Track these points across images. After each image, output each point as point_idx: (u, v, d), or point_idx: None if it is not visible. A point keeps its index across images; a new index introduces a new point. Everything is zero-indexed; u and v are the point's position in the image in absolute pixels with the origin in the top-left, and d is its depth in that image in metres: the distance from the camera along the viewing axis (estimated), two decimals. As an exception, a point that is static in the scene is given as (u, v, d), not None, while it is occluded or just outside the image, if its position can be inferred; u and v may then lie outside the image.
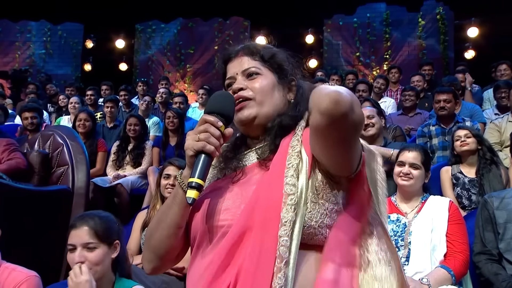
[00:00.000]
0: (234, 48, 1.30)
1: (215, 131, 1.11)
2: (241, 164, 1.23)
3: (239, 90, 1.22)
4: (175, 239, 1.19)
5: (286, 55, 1.29)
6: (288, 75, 1.27)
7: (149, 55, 11.03)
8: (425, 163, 2.78)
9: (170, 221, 1.17)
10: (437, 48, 9.84)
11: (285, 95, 1.26)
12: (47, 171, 3.61)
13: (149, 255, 1.23)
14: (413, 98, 5.51)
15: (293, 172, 1.09)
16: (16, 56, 10.83)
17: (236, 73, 1.25)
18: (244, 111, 1.21)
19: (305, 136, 1.15)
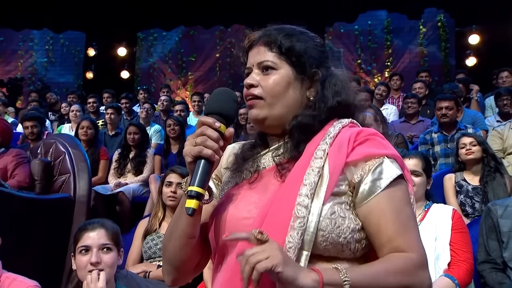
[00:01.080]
0: (256, 33, 1.19)
1: (212, 133, 1.03)
2: (258, 167, 1.14)
3: (250, 87, 1.13)
4: (189, 250, 1.12)
5: (310, 45, 1.16)
6: (308, 70, 1.13)
7: (150, 63, 11.07)
8: (426, 170, 2.77)
9: (181, 232, 1.10)
10: (438, 55, 9.87)
11: (303, 93, 1.13)
12: (49, 179, 3.61)
13: (167, 268, 1.17)
14: (415, 106, 5.52)
15: (309, 192, 1.00)
16: (18, 64, 10.88)
17: (253, 65, 1.15)
18: (253, 110, 1.13)
19: (335, 149, 1.05)
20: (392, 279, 0.96)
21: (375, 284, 0.95)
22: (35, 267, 2.70)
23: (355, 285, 0.92)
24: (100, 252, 1.94)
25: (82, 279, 1.94)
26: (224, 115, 1.07)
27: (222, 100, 1.09)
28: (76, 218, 3.44)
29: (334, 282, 0.92)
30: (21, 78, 9.63)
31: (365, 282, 0.95)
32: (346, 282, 0.92)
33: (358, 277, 0.94)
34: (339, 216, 1.01)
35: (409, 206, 1.05)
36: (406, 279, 0.97)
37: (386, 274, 0.97)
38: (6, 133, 3.83)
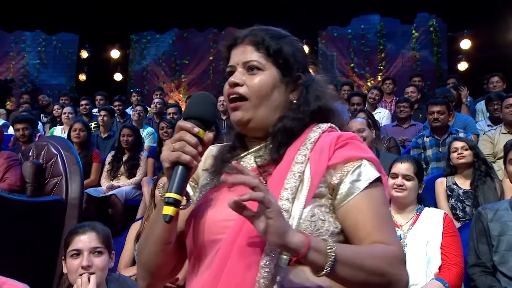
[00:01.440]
0: (241, 32, 1.17)
1: (191, 138, 1.01)
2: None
3: (234, 85, 1.11)
4: (164, 255, 1.11)
5: (295, 49, 1.17)
6: (293, 73, 1.14)
7: (144, 66, 11.05)
8: (418, 174, 2.80)
9: (157, 237, 1.09)
10: (430, 59, 9.93)
11: (287, 96, 1.14)
12: (41, 181, 3.58)
13: (141, 273, 1.16)
14: (408, 110, 5.55)
15: (290, 196, 1.00)
16: (10, 66, 10.80)
17: (237, 63, 1.13)
18: (237, 112, 1.11)
19: (316, 154, 1.05)
20: (374, 262, 0.96)
21: (359, 262, 0.95)
22: (26, 270, 2.68)
23: (339, 258, 0.92)
24: (91, 256, 1.94)
25: (73, 282, 1.94)
26: (203, 120, 1.05)
27: (201, 105, 1.07)
28: (68, 221, 3.41)
29: (319, 249, 0.92)
30: (10, 80, 9.57)
31: (349, 257, 0.94)
32: (330, 251, 0.92)
33: (344, 251, 0.95)
34: (318, 219, 1.02)
35: (386, 207, 1.07)
36: (388, 267, 0.97)
37: (371, 255, 0.97)
38: (-4, 135, 3.80)
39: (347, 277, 0.94)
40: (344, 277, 0.94)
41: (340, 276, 0.94)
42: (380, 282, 0.96)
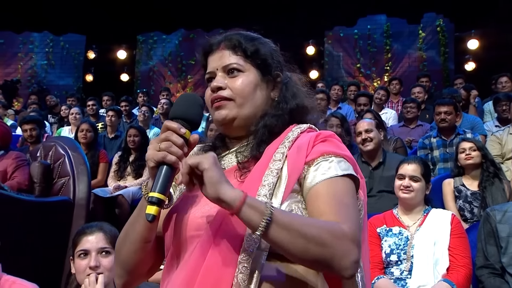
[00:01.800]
0: (215, 38, 1.19)
1: (177, 139, 1.01)
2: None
3: (217, 90, 1.13)
4: (143, 254, 1.11)
5: (271, 48, 1.20)
6: (272, 71, 1.18)
7: (150, 66, 11.08)
8: (425, 175, 2.79)
9: (137, 235, 1.09)
10: (437, 60, 9.89)
11: (268, 94, 1.17)
12: (49, 182, 3.61)
13: (119, 271, 1.15)
14: (415, 110, 5.52)
15: (267, 192, 1.01)
16: (18, 67, 10.87)
17: (216, 69, 1.16)
18: (221, 111, 1.13)
19: (294, 152, 1.07)
20: (316, 230, 0.93)
21: (298, 227, 0.92)
22: (34, 270, 2.70)
23: (276, 218, 0.91)
24: (99, 256, 1.94)
25: (81, 282, 1.95)
26: (189, 121, 1.05)
27: (187, 105, 1.07)
28: (76, 221, 3.44)
29: (256, 206, 0.91)
30: (17, 81, 9.62)
31: (288, 220, 0.93)
32: (267, 210, 0.91)
33: (283, 213, 0.94)
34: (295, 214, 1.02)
35: (350, 197, 1.03)
36: (331, 239, 0.92)
37: (313, 224, 0.96)
38: (5, 136, 3.83)
39: (285, 241, 0.91)
40: (281, 241, 0.92)
41: (277, 239, 0.91)
42: (321, 253, 0.92)
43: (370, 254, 2.68)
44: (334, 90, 6.88)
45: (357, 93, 6.71)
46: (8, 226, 2.80)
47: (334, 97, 6.79)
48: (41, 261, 3.10)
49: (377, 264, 2.63)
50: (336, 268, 0.93)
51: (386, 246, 2.64)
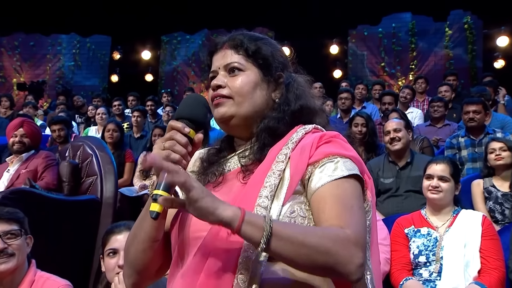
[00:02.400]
0: (220, 39, 1.20)
1: (181, 138, 1.02)
2: (223, 170, 1.14)
3: (217, 88, 1.14)
4: (151, 253, 1.11)
5: (274, 49, 1.19)
6: (273, 71, 1.16)
7: (174, 66, 11.18)
8: (454, 175, 2.74)
9: (145, 234, 1.10)
10: (464, 57, 9.70)
11: (269, 94, 1.16)
12: (77, 181, 3.68)
13: (128, 271, 1.15)
14: (442, 109, 5.42)
15: (269, 193, 1.01)
16: (47, 68, 11.12)
17: (219, 67, 1.16)
18: (220, 108, 1.13)
19: (297, 153, 1.06)
20: (318, 239, 0.92)
21: (300, 238, 0.92)
22: (64, 267, 2.75)
23: (277, 232, 0.90)
24: None
25: (110, 280, 1.98)
26: (194, 121, 1.06)
27: (192, 106, 1.09)
28: (103, 220, 3.49)
29: (255, 222, 0.91)
30: (42, 82, 9.83)
31: (288, 232, 0.92)
32: (267, 225, 0.90)
33: (283, 226, 0.93)
34: (298, 216, 1.02)
35: (355, 199, 1.02)
36: (334, 246, 0.92)
37: (315, 234, 0.95)
38: (36, 135, 3.91)
39: (288, 253, 0.92)
40: (284, 253, 0.92)
41: (279, 252, 0.91)
42: (326, 261, 0.92)
43: (398, 255, 2.65)
44: (358, 89, 6.81)
45: (382, 92, 6.63)
46: (39, 224, 2.86)
47: (359, 96, 6.73)
48: (70, 258, 3.16)
49: (405, 265, 2.59)
50: (341, 274, 0.94)
51: (414, 247, 2.60)
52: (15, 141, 3.75)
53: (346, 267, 0.93)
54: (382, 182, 3.64)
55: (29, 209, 2.50)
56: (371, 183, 1.10)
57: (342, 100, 5.96)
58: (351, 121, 4.42)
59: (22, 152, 3.75)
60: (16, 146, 3.74)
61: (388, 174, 3.64)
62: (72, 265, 3.12)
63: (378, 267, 1.11)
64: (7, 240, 2.06)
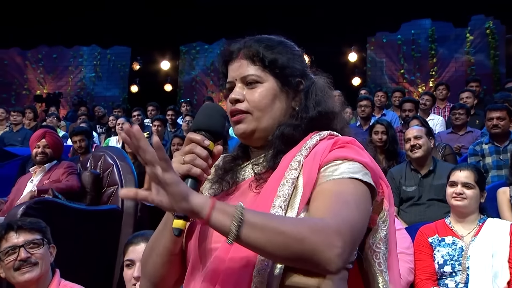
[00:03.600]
0: (234, 45, 1.16)
1: (201, 151, 1.00)
2: (238, 178, 1.12)
3: (235, 102, 1.11)
4: (170, 267, 1.10)
5: (293, 55, 1.15)
6: (292, 80, 1.12)
7: (193, 76, 11.27)
8: (479, 182, 2.68)
9: (163, 248, 1.08)
10: (486, 63, 9.56)
11: (289, 103, 1.12)
12: (99, 190, 3.71)
13: (145, 284, 1.14)
14: (464, 117, 5.32)
15: (282, 203, 0.98)
16: (69, 80, 11.34)
17: (235, 79, 1.13)
18: (240, 125, 1.10)
19: (310, 160, 1.03)
20: (292, 226, 0.88)
21: (273, 225, 0.87)
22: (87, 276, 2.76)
23: (248, 219, 0.86)
24: None
25: (129, 291, 1.98)
26: (213, 132, 1.04)
27: (210, 116, 1.06)
28: (124, 229, 3.51)
29: (225, 210, 0.87)
30: (59, 93, 10.02)
31: (261, 219, 0.88)
32: (237, 212, 0.86)
33: (256, 213, 0.89)
34: None
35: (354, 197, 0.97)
36: (309, 233, 0.87)
37: (288, 221, 0.91)
38: (58, 146, 3.97)
39: (261, 241, 0.87)
40: (257, 242, 0.87)
41: (252, 241, 0.87)
42: (301, 249, 0.87)
43: (422, 264, 2.60)
44: (378, 96, 6.75)
45: (402, 99, 6.55)
46: (62, 233, 2.89)
47: (378, 104, 6.67)
48: (93, 268, 3.18)
49: (430, 275, 2.54)
50: (320, 263, 0.88)
51: (439, 256, 2.55)
52: (38, 152, 3.81)
53: (323, 255, 0.87)
54: (404, 190, 3.59)
55: (52, 219, 2.53)
56: (388, 191, 1.07)
57: (361, 108, 5.91)
58: (371, 129, 4.37)
59: (45, 163, 3.81)
60: (39, 157, 3.81)
61: (410, 182, 3.59)
62: (94, 274, 3.14)
63: (397, 280, 1.08)
64: (30, 249, 2.09)
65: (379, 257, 1.04)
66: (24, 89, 11.36)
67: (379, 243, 1.04)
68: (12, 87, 11.37)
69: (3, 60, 11.45)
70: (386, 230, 1.05)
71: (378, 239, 1.05)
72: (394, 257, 1.08)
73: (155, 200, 0.87)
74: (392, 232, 1.08)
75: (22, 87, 11.38)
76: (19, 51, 11.36)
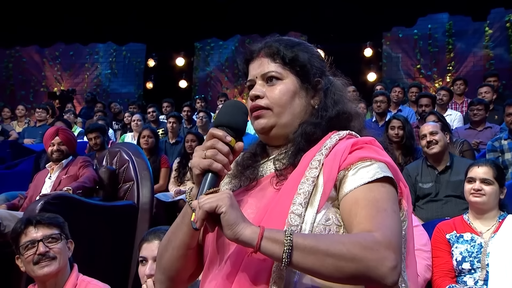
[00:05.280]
0: (256, 45, 1.19)
1: (223, 147, 1.02)
2: (257, 174, 1.13)
3: (256, 98, 1.13)
4: (186, 261, 1.12)
5: (312, 54, 1.17)
6: (312, 78, 1.15)
7: (207, 72, 11.28)
8: (498, 178, 2.63)
9: (180, 242, 1.10)
10: (506, 57, 9.37)
11: (308, 101, 1.15)
12: (115, 186, 3.74)
13: (160, 277, 1.16)
14: (482, 112, 5.23)
15: (302, 201, 0.99)
16: (85, 77, 11.45)
17: (256, 76, 1.15)
18: (260, 120, 1.12)
19: (330, 159, 1.04)
20: (343, 247, 0.89)
21: (323, 248, 0.89)
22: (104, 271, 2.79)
23: (298, 245, 0.88)
24: (155, 264, 1.96)
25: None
26: (234, 128, 1.05)
27: (232, 113, 1.08)
28: (140, 225, 3.54)
29: (275, 238, 0.90)
30: (72, 90, 10.13)
31: (310, 243, 0.90)
32: (287, 238, 0.88)
33: (304, 238, 0.91)
34: (333, 224, 1.00)
35: (388, 203, 0.99)
36: (361, 251, 0.89)
37: (339, 241, 0.92)
38: (72, 142, 4.00)
39: (313, 265, 0.89)
40: (310, 266, 0.89)
41: (304, 265, 0.89)
42: (355, 269, 0.89)
43: (440, 261, 2.57)
44: (394, 92, 6.69)
45: (419, 94, 6.48)
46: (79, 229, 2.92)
47: (395, 99, 6.60)
48: (110, 263, 3.21)
49: (448, 272, 2.51)
50: (375, 279, 0.90)
51: (457, 253, 2.51)
52: (53, 150, 3.85)
53: (377, 271, 0.89)
54: (420, 187, 3.55)
55: (70, 214, 2.56)
56: (407, 191, 1.08)
57: (377, 103, 5.86)
58: (388, 124, 4.33)
59: (62, 159, 3.85)
60: (55, 155, 3.84)
61: (427, 179, 3.55)
62: (111, 269, 3.17)
63: (415, 279, 1.08)
64: (48, 244, 2.12)
65: None
66: (42, 86, 11.50)
67: None
68: (30, 84, 11.52)
69: (21, 58, 11.60)
70: (405, 230, 1.05)
71: None
72: (412, 257, 1.08)
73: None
74: (410, 233, 1.08)
75: (40, 84, 11.53)
76: (37, 48, 11.51)
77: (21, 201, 3.78)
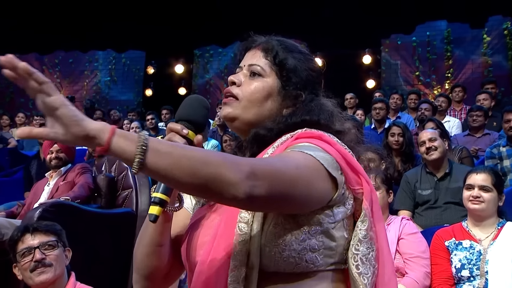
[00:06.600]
0: (259, 37, 1.18)
1: (179, 140, 1.01)
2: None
3: (232, 84, 1.12)
4: (156, 258, 1.10)
5: (302, 65, 1.13)
6: (293, 88, 1.11)
7: (207, 79, 11.30)
8: (497, 185, 2.63)
9: (149, 239, 1.09)
10: (504, 65, 9.40)
11: (280, 108, 1.11)
12: (113, 193, 3.74)
13: (135, 276, 1.15)
14: (481, 119, 5.25)
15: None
16: (84, 84, 11.47)
17: (244, 65, 1.15)
18: (226, 107, 1.12)
19: (278, 150, 1.02)
20: (198, 151, 0.85)
21: (176, 150, 0.84)
22: (102, 279, 2.78)
23: (153, 145, 0.82)
24: None
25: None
26: (193, 122, 1.06)
27: (192, 107, 1.09)
28: (138, 232, 3.53)
29: (128, 136, 0.82)
30: (71, 98, 10.15)
31: (165, 144, 0.85)
32: (142, 137, 0.82)
33: (158, 140, 0.86)
34: (283, 228, 0.95)
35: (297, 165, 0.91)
36: (219, 158, 0.84)
37: (194, 148, 0.90)
38: (70, 149, 4.00)
39: (168, 166, 0.82)
40: (164, 167, 0.82)
41: (158, 166, 0.82)
42: (208, 173, 0.82)
43: (439, 268, 2.56)
44: (393, 99, 6.69)
45: (420, 100, 6.49)
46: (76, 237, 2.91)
47: (393, 106, 6.61)
48: (107, 270, 3.20)
49: (447, 279, 2.50)
50: (225, 185, 0.82)
51: (456, 260, 2.51)
52: (52, 158, 3.85)
53: (228, 175, 0.82)
54: (420, 193, 3.55)
55: (68, 222, 2.56)
56: (370, 188, 1.01)
57: (376, 110, 5.87)
58: (388, 131, 4.34)
59: (60, 167, 3.85)
60: (53, 162, 3.84)
61: (426, 186, 3.54)
62: (109, 277, 3.16)
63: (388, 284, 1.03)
64: (45, 251, 2.11)
65: (357, 259, 1.00)
66: (42, 93, 11.52)
67: (357, 244, 1.00)
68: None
69: (20, 65, 11.63)
70: (366, 230, 1.00)
71: (357, 240, 1.01)
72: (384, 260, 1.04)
73: (51, 134, 0.82)
74: (380, 232, 1.03)
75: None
76: (36, 56, 11.53)
77: (19, 209, 3.78)
